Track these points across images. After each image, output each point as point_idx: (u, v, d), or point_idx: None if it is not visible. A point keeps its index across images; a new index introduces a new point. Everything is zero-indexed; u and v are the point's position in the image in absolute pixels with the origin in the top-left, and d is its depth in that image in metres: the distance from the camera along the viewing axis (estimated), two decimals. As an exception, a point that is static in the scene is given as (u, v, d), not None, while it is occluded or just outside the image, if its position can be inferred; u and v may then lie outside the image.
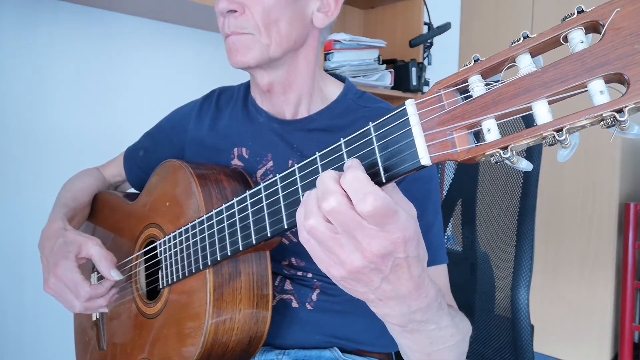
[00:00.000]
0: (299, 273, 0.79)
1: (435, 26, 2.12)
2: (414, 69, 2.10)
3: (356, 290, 0.47)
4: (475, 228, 1.11)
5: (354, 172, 0.42)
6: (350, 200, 0.41)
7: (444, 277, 0.76)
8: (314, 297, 0.79)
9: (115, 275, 0.78)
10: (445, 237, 1.09)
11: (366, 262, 0.43)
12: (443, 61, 2.52)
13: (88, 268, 0.94)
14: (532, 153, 0.93)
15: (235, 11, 0.74)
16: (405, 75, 2.10)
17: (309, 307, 0.79)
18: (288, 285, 0.80)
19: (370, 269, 0.44)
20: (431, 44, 2.17)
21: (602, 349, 2.31)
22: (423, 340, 0.55)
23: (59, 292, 0.78)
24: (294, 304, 0.79)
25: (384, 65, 2.08)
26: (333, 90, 0.86)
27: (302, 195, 0.50)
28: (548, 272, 2.48)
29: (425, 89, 2.14)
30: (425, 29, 2.19)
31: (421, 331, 0.53)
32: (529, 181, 0.97)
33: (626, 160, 2.36)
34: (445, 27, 2.08)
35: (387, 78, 2.08)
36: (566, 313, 2.42)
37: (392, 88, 2.12)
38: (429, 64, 2.19)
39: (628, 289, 2.26)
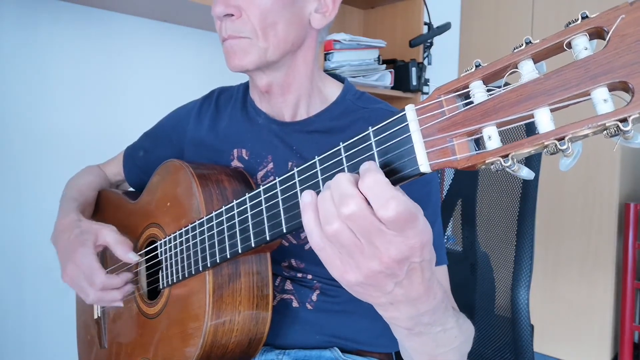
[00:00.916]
0: (299, 275, 0.79)
1: (435, 26, 2.12)
2: (414, 69, 2.09)
3: (369, 294, 0.46)
4: (475, 228, 1.11)
5: (374, 175, 0.40)
6: (369, 204, 0.40)
7: (444, 278, 0.76)
8: (314, 297, 0.78)
9: (133, 257, 0.77)
10: (445, 237, 1.09)
11: (383, 267, 0.42)
12: (443, 61, 2.51)
13: None
14: (532, 154, 0.93)
15: (232, 15, 0.74)
16: (405, 75, 2.09)
17: (309, 307, 0.78)
18: (288, 285, 0.79)
19: (385, 275, 0.43)
20: (431, 44, 2.16)
21: (602, 349, 2.31)
22: (429, 343, 0.55)
23: (75, 280, 0.77)
24: (295, 304, 0.79)
25: (384, 65, 2.07)
26: (332, 90, 0.86)
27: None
28: (548, 272, 2.48)
29: (425, 89, 2.14)
30: (425, 29, 2.18)
31: (428, 334, 0.53)
32: (529, 181, 0.97)
33: (626, 160, 2.36)
34: (445, 27, 2.07)
35: (387, 78, 2.08)
36: (566, 313, 2.42)
37: (392, 88, 2.12)
38: (429, 64, 2.18)
39: (628, 289, 2.25)
